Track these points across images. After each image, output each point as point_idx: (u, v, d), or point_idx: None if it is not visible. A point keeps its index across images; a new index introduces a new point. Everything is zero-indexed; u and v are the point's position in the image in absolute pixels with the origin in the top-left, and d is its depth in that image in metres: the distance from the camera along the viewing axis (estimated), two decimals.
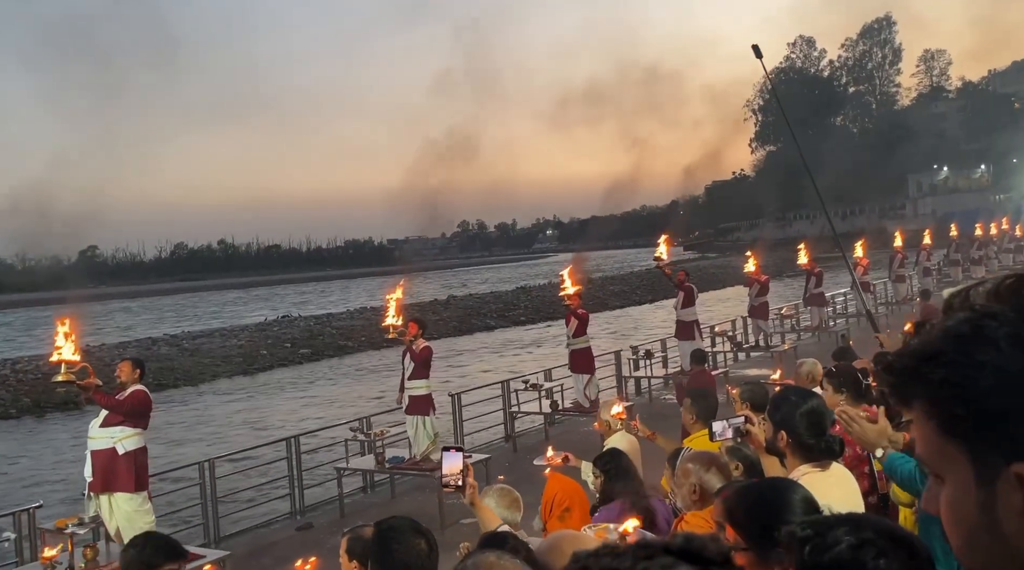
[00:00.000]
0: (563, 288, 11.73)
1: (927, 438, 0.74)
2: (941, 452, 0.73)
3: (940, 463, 0.74)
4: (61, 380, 6.50)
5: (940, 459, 0.74)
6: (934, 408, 0.73)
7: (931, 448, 0.74)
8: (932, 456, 0.75)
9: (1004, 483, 0.68)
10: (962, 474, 0.72)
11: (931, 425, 0.73)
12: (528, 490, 4.65)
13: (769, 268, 18.10)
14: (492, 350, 28.90)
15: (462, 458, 3.12)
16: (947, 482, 0.74)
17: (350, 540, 3.21)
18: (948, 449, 0.73)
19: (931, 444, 0.74)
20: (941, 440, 0.73)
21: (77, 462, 7.19)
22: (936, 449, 0.74)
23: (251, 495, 10.18)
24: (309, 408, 19.88)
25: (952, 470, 0.73)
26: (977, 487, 0.71)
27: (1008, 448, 0.68)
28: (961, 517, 0.73)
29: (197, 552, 7.16)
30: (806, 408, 2.95)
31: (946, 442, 0.73)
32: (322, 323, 38.09)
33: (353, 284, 77.27)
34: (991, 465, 0.69)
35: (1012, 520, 0.68)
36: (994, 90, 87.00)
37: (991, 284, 0.75)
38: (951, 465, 0.73)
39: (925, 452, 0.76)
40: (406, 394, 9.42)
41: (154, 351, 30.49)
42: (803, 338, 18.10)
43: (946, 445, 0.73)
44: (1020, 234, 32.19)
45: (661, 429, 5.55)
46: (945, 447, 0.73)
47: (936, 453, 0.74)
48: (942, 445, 0.73)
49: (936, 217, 54.38)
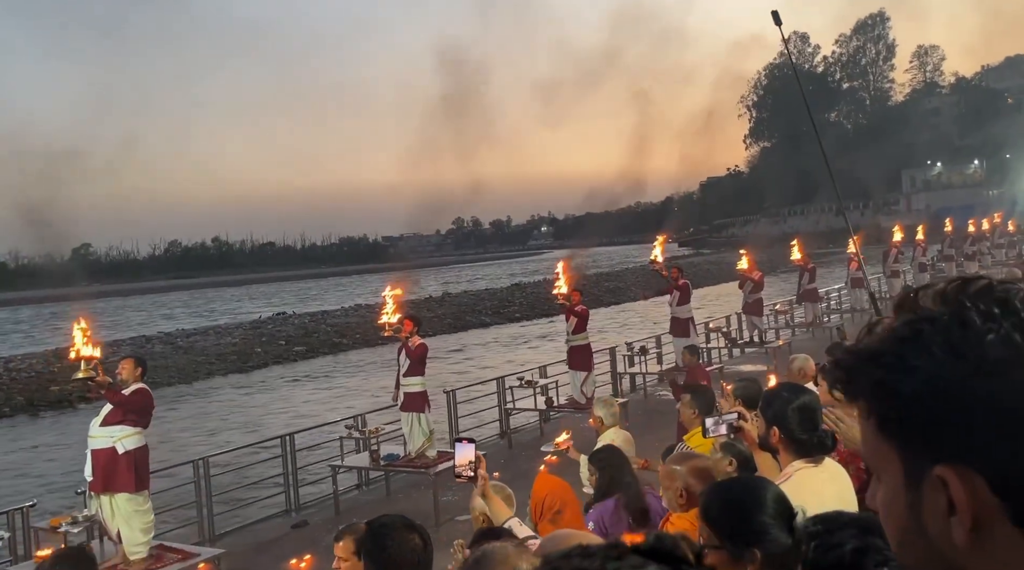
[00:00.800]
0: (556, 285, 11.74)
1: (866, 436, 0.76)
2: (877, 451, 0.75)
3: (877, 462, 0.76)
4: (82, 376, 6.52)
5: (876, 458, 0.75)
6: (871, 407, 0.74)
7: (869, 446, 0.76)
8: (870, 454, 0.76)
9: (928, 485, 0.70)
10: (894, 474, 0.73)
11: (870, 423, 0.75)
12: (522, 487, 4.65)
13: (763, 264, 18.12)
14: (486, 346, 28.91)
15: (474, 449, 3.13)
16: (883, 481, 0.76)
17: (357, 541, 3.07)
18: (884, 448, 0.74)
19: (869, 442, 0.76)
20: (877, 439, 0.74)
21: (71, 461, 7.16)
22: (873, 448, 0.75)
23: (246, 493, 10.17)
24: (307, 405, 19.86)
25: (887, 470, 0.75)
26: (906, 488, 0.72)
27: (934, 451, 0.70)
28: (894, 517, 0.74)
29: (191, 550, 7.16)
30: (798, 404, 2.96)
31: (881, 442, 0.74)
32: (317, 320, 38.06)
33: (348, 281, 77.19)
34: (918, 467, 0.71)
35: (936, 521, 0.70)
36: (987, 85, 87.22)
37: (940, 285, 0.76)
38: (886, 464, 0.74)
39: (864, 449, 0.77)
40: (401, 391, 9.41)
41: (148, 349, 30.39)
42: (797, 334, 18.15)
43: (882, 445, 0.74)
44: (1013, 229, 32.32)
45: (656, 425, 5.56)
46: (881, 446, 0.74)
47: (874, 451, 0.76)
48: (878, 444, 0.74)
49: (930, 212, 54.54)
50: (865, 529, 1.49)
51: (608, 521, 4.19)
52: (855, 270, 20.43)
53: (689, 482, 3.35)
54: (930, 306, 0.74)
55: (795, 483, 2.85)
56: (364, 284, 65.43)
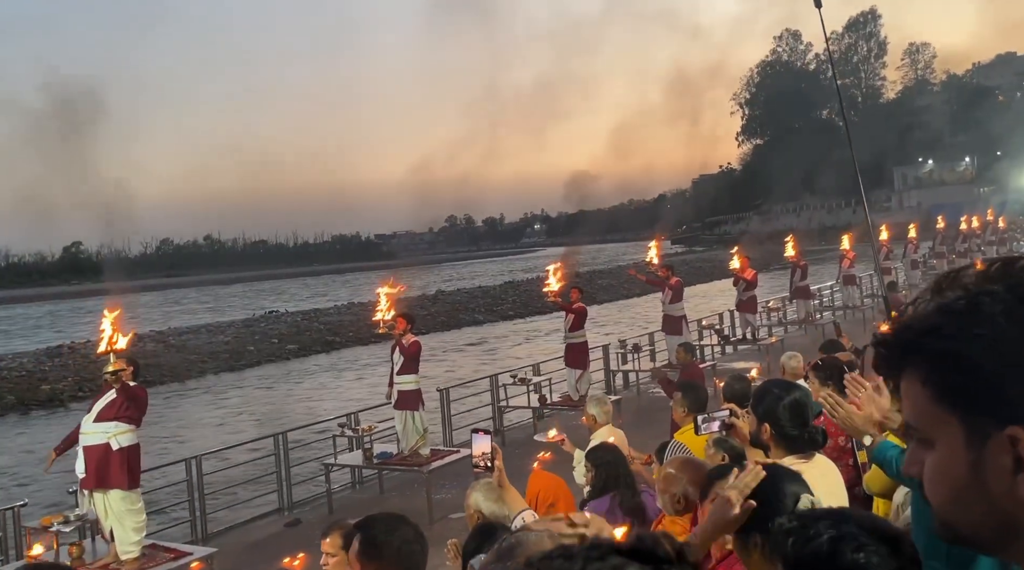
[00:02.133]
0: (547, 284, 11.77)
1: (919, 405, 0.82)
2: (934, 418, 0.80)
3: (931, 428, 0.81)
4: (112, 369, 6.51)
5: (932, 424, 0.81)
6: (931, 377, 0.80)
7: (924, 414, 0.81)
8: (923, 421, 0.82)
9: (995, 445, 0.76)
10: (953, 438, 0.79)
11: (926, 393, 0.80)
12: (516, 484, 4.62)
13: (756, 262, 18.16)
14: (479, 345, 28.91)
15: (490, 440, 3.13)
16: (938, 445, 0.81)
17: (345, 536, 3.08)
18: (941, 415, 0.79)
19: (924, 411, 0.81)
20: (934, 407, 0.80)
21: (63, 459, 7.13)
22: (929, 415, 0.81)
23: (239, 492, 10.15)
24: (301, 403, 19.83)
25: (943, 434, 0.80)
26: (968, 449, 0.78)
27: (1003, 413, 0.75)
28: (950, 477, 0.79)
29: (184, 549, 7.15)
30: (789, 400, 2.97)
31: (940, 409, 0.79)
32: (309, 318, 37.97)
33: (341, 280, 77.04)
34: (983, 429, 0.76)
35: (1000, 479, 0.76)
36: (978, 83, 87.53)
37: (980, 267, 0.82)
38: (943, 429, 0.80)
39: (916, 418, 0.83)
40: (395, 389, 9.41)
41: (140, 347, 30.20)
42: (790, 331, 18.20)
43: (940, 411, 0.80)
44: (1003, 227, 32.45)
45: (648, 423, 5.57)
46: (938, 413, 0.80)
47: (928, 419, 0.81)
48: (935, 412, 0.80)
49: (922, 210, 54.73)
50: (839, 519, 1.51)
51: None
52: (847, 268, 20.52)
53: (689, 491, 3.34)
54: (976, 284, 0.81)
55: None
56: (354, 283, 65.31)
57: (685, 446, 4.52)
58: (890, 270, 21.95)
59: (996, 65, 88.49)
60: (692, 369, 9.91)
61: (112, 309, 6.82)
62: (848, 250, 20.32)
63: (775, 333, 17.67)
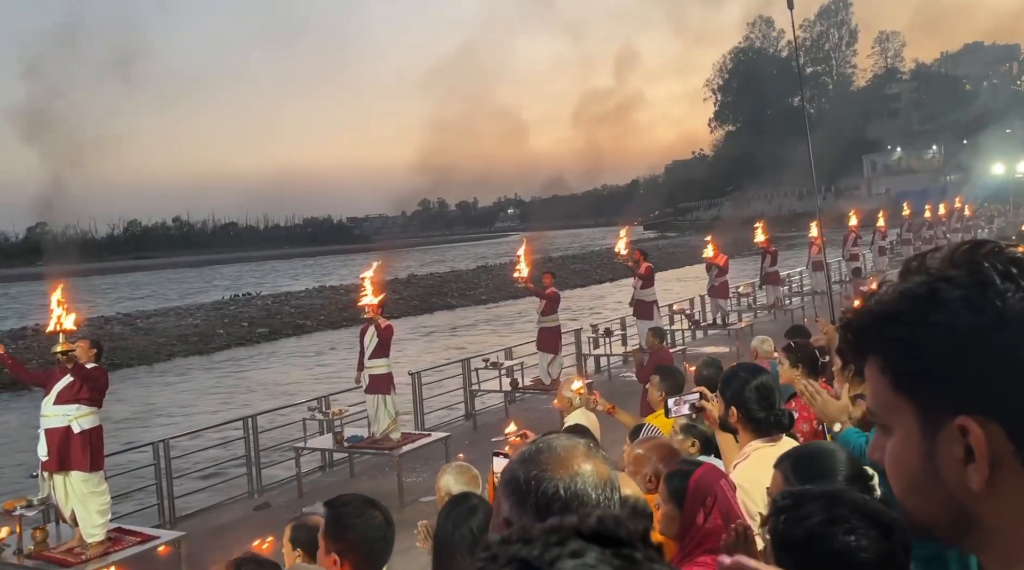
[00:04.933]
0: (517, 269, 11.76)
1: (879, 392, 0.80)
2: (891, 405, 0.79)
3: (889, 415, 0.80)
4: (61, 349, 6.43)
5: (889, 411, 0.80)
6: (888, 364, 0.79)
7: (882, 401, 0.80)
8: (882, 408, 0.81)
9: (947, 434, 0.75)
10: (909, 426, 0.78)
11: (884, 380, 0.79)
12: (488, 469, 4.66)
13: (727, 248, 18.29)
14: (452, 329, 28.88)
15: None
16: (894, 433, 0.80)
17: (294, 528, 3.11)
18: (898, 402, 0.78)
19: (882, 397, 0.80)
20: (892, 394, 0.79)
21: (24, 441, 7.02)
22: (886, 402, 0.80)
23: (207, 475, 10.06)
24: (272, 386, 19.69)
25: (900, 422, 0.79)
26: (921, 438, 0.77)
27: (954, 403, 0.74)
28: (905, 465, 0.79)
29: (151, 533, 7.07)
30: (756, 383, 2.99)
31: (897, 396, 0.78)
32: (280, 301, 37.66)
33: (312, 262, 76.43)
34: (936, 418, 0.75)
35: (951, 468, 0.75)
36: (946, 72, 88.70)
37: (947, 249, 0.80)
38: (899, 417, 0.79)
39: (876, 405, 0.82)
40: (366, 373, 9.36)
41: (107, 330, 29.85)
42: (759, 316, 18.40)
43: (897, 399, 0.78)
44: (969, 214, 32.98)
45: (620, 406, 5.59)
46: (896, 400, 0.79)
47: (886, 406, 0.80)
48: (893, 398, 0.79)
49: (890, 197, 55.50)
50: (832, 501, 1.52)
51: None
52: (816, 254, 20.75)
53: (658, 467, 3.37)
54: (939, 268, 0.78)
55: (753, 462, 2.89)
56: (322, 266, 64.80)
57: (658, 429, 4.55)
58: (858, 256, 22.25)
59: (963, 54, 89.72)
60: (662, 354, 9.98)
61: (60, 288, 6.75)
62: (816, 237, 20.54)
63: (745, 318, 17.85)
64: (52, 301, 6.65)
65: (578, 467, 1.27)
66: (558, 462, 1.28)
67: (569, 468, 1.27)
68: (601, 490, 1.27)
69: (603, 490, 1.27)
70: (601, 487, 1.27)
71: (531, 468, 1.27)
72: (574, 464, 1.27)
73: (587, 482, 1.26)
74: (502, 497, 1.28)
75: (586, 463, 1.28)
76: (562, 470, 1.26)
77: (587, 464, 1.28)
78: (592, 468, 1.28)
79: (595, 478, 1.27)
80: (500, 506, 1.28)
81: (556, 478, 1.25)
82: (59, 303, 6.62)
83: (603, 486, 1.27)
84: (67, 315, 6.62)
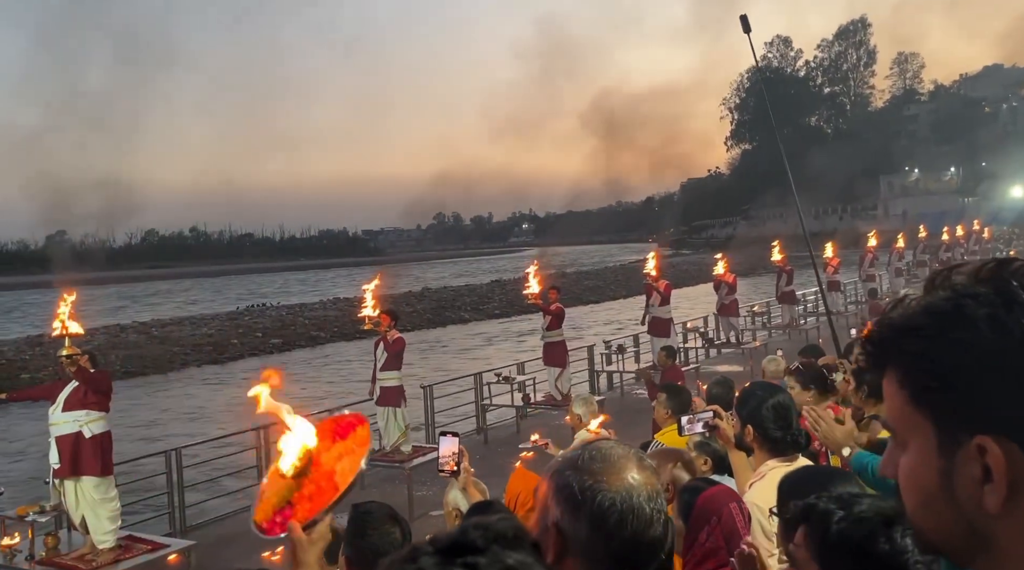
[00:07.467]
0: (527, 286, 11.77)
1: (897, 406, 0.78)
2: (908, 420, 0.77)
3: (906, 430, 0.78)
4: (67, 353, 6.52)
5: (906, 426, 0.78)
6: (908, 378, 0.77)
7: (899, 415, 0.78)
8: (899, 423, 0.79)
9: (965, 453, 0.72)
10: (925, 442, 0.76)
11: (903, 394, 0.77)
12: (498, 483, 4.63)
13: (742, 266, 18.23)
14: (465, 343, 28.86)
15: (457, 442, 3.15)
16: (910, 448, 0.78)
17: None
18: (916, 418, 0.76)
19: (900, 412, 0.78)
20: (910, 408, 0.77)
21: (34, 448, 7.07)
22: (904, 417, 0.78)
23: (219, 484, 10.06)
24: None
25: (916, 438, 0.77)
26: (939, 455, 0.74)
27: (974, 422, 0.72)
28: (920, 482, 0.77)
29: (162, 542, 7.09)
30: (773, 402, 2.97)
31: (914, 411, 0.76)
32: (295, 313, 37.81)
33: (327, 275, 76.75)
34: (954, 436, 0.73)
35: (967, 487, 0.73)
36: (965, 94, 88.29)
37: (973, 266, 0.78)
38: (916, 433, 0.77)
39: (893, 419, 0.80)
40: (377, 385, 9.37)
41: (122, 338, 30.08)
42: (773, 335, 18.28)
43: (914, 414, 0.76)
44: (988, 237, 32.72)
45: (631, 423, 5.56)
46: (913, 416, 0.76)
47: (903, 420, 0.78)
48: (910, 413, 0.77)
49: (907, 218, 55.17)
50: (881, 503, 1.51)
51: None
52: (831, 274, 20.62)
53: (676, 474, 3.35)
54: (965, 284, 0.76)
55: (769, 482, 2.86)
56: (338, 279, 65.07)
57: (665, 446, 4.52)
58: (874, 277, 22.11)
59: (982, 77, 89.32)
60: (673, 372, 9.94)
61: (68, 294, 6.85)
62: (831, 257, 20.43)
63: (759, 337, 17.74)
64: (60, 306, 6.76)
65: (632, 479, 1.26)
66: (613, 472, 1.26)
67: (624, 479, 1.25)
68: (654, 502, 1.26)
69: (655, 502, 1.26)
70: (654, 499, 1.26)
71: (585, 477, 1.24)
72: (628, 475, 1.26)
73: (641, 495, 1.25)
74: (552, 502, 1.24)
75: (639, 473, 1.27)
76: (617, 481, 1.25)
77: (640, 475, 1.27)
78: (644, 479, 1.27)
79: (648, 490, 1.26)
80: (548, 511, 1.25)
81: (611, 491, 1.23)
82: (67, 309, 6.70)
83: (656, 498, 1.26)
84: (70, 320, 6.69)
